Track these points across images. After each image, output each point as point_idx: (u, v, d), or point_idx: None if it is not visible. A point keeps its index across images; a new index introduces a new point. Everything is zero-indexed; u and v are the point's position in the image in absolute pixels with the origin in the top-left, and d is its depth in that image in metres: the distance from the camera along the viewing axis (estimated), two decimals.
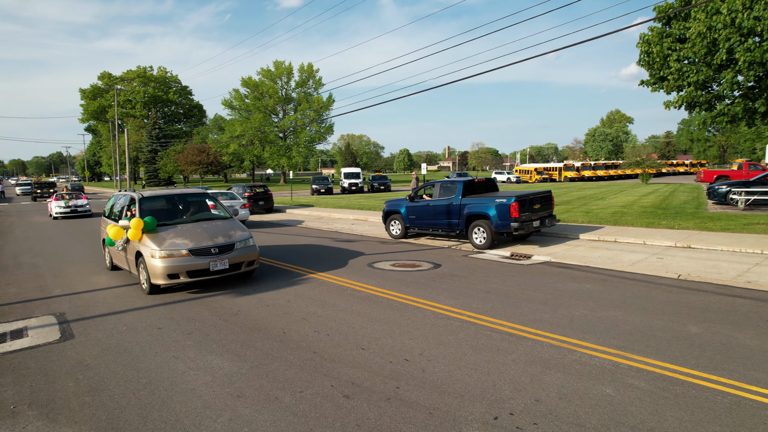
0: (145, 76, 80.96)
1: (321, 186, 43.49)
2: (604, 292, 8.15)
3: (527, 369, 5.13)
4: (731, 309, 7.04)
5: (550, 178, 64.41)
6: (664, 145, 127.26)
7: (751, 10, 13.77)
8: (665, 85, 16.73)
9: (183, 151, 61.49)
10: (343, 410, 4.41)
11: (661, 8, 16.66)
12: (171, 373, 5.40)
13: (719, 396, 4.40)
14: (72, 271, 11.57)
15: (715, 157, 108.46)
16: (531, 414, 4.21)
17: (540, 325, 6.51)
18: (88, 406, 4.69)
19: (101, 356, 6.01)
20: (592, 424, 3.99)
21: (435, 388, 4.78)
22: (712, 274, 9.13)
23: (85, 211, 27.31)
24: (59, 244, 16.59)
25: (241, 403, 4.64)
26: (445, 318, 7.00)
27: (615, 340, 5.87)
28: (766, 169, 31.09)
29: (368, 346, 5.97)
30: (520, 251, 12.07)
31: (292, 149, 67.03)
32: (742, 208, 18.31)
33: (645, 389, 4.57)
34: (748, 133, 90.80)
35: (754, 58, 13.58)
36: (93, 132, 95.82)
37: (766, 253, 10.60)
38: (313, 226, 19.70)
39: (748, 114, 15.84)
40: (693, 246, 11.69)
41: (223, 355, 5.88)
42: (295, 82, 70.97)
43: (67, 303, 8.64)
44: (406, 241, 14.67)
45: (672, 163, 78.78)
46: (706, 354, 5.37)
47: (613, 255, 11.23)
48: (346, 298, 8.30)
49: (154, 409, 4.58)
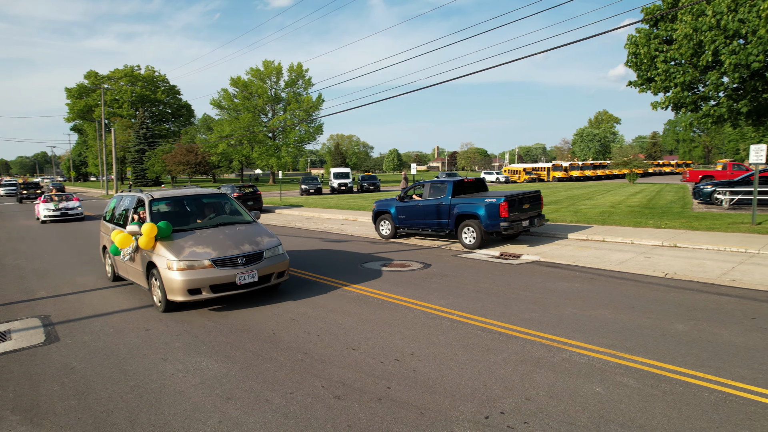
0: (133, 76, 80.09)
1: (310, 186, 43.36)
2: (593, 291, 8.22)
3: (518, 368, 5.15)
4: (717, 307, 7.13)
5: (538, 178, 64.86)
6: (650, 146, 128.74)
7: (736, 12, 13.98)
8: (652, 86, 16.94)
9: (171, 151, 60.94)
10: (333, 411, 4.39)
11: (649, 10, 16.86)
12: (159, 376, 5.33)
13: (706, 393, 4.46)
14: (58, 273, 11.40)
15: (700, 157, 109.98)
16: (522, 413, 4.22)
17: (530, 325, 6.54)
18: (74, 410, 4.62)
19: (88, 359, 5.92)
20: (582, 423, 4.02)
21: (426, 387, 4.77)
22: (698, 273, 9.24)
23: (77, 214, 25.18)
24: (49, 249, 16.34)
25: (230, 405, 4.60)
26: (435, 318, 7.00)
27: (604, 339, 5.91)
28: (749, 169, 31.58)
29: (359, 347, 5.95)
30: (509, 251, 12.13)
31: (282, 149, 66.78)
32: (726, 208, 18.58)
33: (634, 387, 4.61)
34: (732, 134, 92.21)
35: (739, 60, 13.79)
36: (79, 131, 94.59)
37: (750, 251, 10.76)
38: (303, 226, 19.62)
39: (733, 115, 16.08)
40: (679, 245, 11.83)
41: (212, 357, 5.82)
42: (285, 81, 70.73)
43: (53, 305, 8.51)
44: (396, 241, 14.67)
45: (658, 163, 79.75)
46: (693, 351, 5.43)
47: (602, 254, 11.32)
48: (337, 299, 8.27)
49: (142, 412, 4.52)
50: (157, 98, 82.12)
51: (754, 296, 7.69)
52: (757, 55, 13.59)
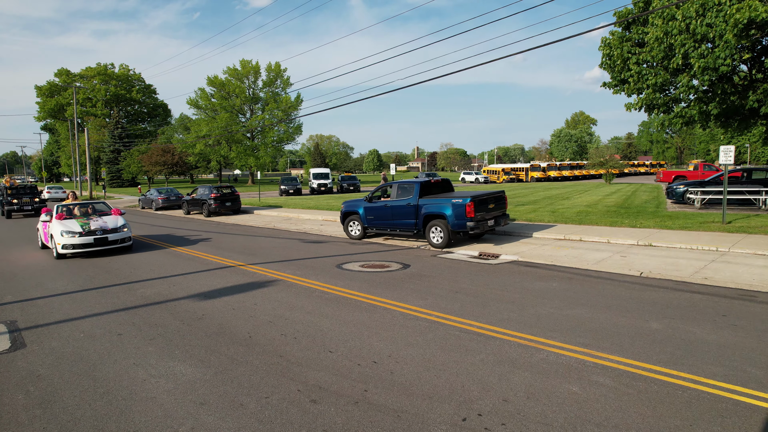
0: (106, 74, 78.40)
1: (290, 187, 43.01)
2: (570, 291, 8.30)
3: (495, 369, 5.15)
4: (690, 305, 7.26)
5: (517, 178, 65.57)
6: (625, 146, 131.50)
7: (704, 17, 14.32)
8: (626, 88, 17.24)
9: (147, 151, 59.78)
10: (309, 415, 4.32)
11: (621, 13, 17.17)
12: (130, 382, 5.18)
13: (679, 390, 4.52)
14: (26, 276, 11.02)
15: (672, 158, 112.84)
16: (499, 414, 4.21)
17: (508, 325, 6.56)
18: (39, 420, 4.44)
19: (55, 366, 5.72)
20: (559, 423, 4.03)
21: (403, 390, 4.73)
22: (671, 271, 9.42)
23: (123, 240, 14.12)
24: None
25: (204, 410, 4.48)
26: (413, 319, 6.97)
27: (581, 338, 5.96)
28: (719, 170, 32.46)
29: (336, 349, 5.88)
30: (488, 251, 12.19)
31: (260, 149, 66.13)
32: (698, 207, 19.03)
33: (610, 386, 4.65)
34: (702, 135, 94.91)
35: (708, 64, 14.12)
36: (50, 131, 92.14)
37: (720, 250, 11.02)
38: (282, 227, 19.42)
39: (703, 117, 16.47)
40: (654, 244, 12.05)
41: (186, 361, 5.68)
42: (263, 81, 70.12)
43: (19, 310, 8.21)
44: (373, 242, 14.62)
45: (633, 163, 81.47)
46: (667, 350, 5.51)
47: (579, 254, 11.46)
48: (314, 300, 8.18)
49: (111, 420, 4.37)
50: (132, 97, 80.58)
51: (725, 293, 7.86)
52: (724, 59, 13.94)
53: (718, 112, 16.08)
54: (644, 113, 18.04)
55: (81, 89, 75.15)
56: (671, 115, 17.15)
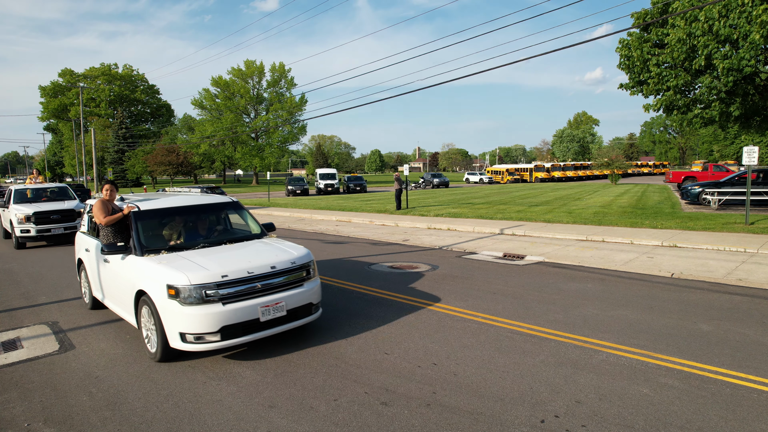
0: (110, 74, 78.33)
1: (297, 187, 43.02)
2: (607, 291, 8.29)
3: (558, 370, 5.14)
4: (731, 306, 7.25)
5: (521, 178, 65.56)
6: (627, 147, 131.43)
7: (727, 18, 14.32)
8: (644, 89, 17.24)
9: (152, 151, 59.77)
10: (384, 418, 4.31)
11: (639, 14, 17.17)
12: (191, 384, 5.17)
13: (754, 394, 4.51)
14: (53, 276, 10.99)
15: (675, 158, 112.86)
16: (576, 416, 4.20)
17: (557, 326, 6.55)
18: (111, 421, 4.43)
19: (110, 367, 5.70)
20: (640, 425, 4.02)
21: (472, 392, 4.72)
22: (703, 273, 9.41)
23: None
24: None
25: (275, 413, 4.47)
26: (460, 320, 6.96)
27: (634, 340, 5.95)
28: (729, 171, 32.46)
29: (391, 351, 5.87)
30: (512, 251, 12.18)
31: (265, 149, 66.10)
32: (715, 208, 19.03)
33: (681, 388, 4.64)
34: (705, 136, 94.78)
35: (732, 65, 14.11)
36: (53, 131, 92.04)
37: (749, 251, 11.01)
38: (297, 227, 19.41)
39: (724, 117, 16.47)
40: (679, 245, 12.04)
41: (241, 363, 5.67)
42: (267, 81, 70.10)
43: (58, 311, 8.19)
44: (396, 242, 14.60)
45: (637, 164, 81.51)
46: (726, 352, 5.50)
47: (605, 254, 11.45)
48: (354, 301, 8.17)
49: (183, 423, 4.36)
50: (136, 98, 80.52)
51: (763, 295, 7.86)
52: (749, 60, 13.94)
53: (740, 113, 16.08)
54: (647, 114, 18.07)
55: (85, 89, 75.07)
56: (690, 115, 17.14)
